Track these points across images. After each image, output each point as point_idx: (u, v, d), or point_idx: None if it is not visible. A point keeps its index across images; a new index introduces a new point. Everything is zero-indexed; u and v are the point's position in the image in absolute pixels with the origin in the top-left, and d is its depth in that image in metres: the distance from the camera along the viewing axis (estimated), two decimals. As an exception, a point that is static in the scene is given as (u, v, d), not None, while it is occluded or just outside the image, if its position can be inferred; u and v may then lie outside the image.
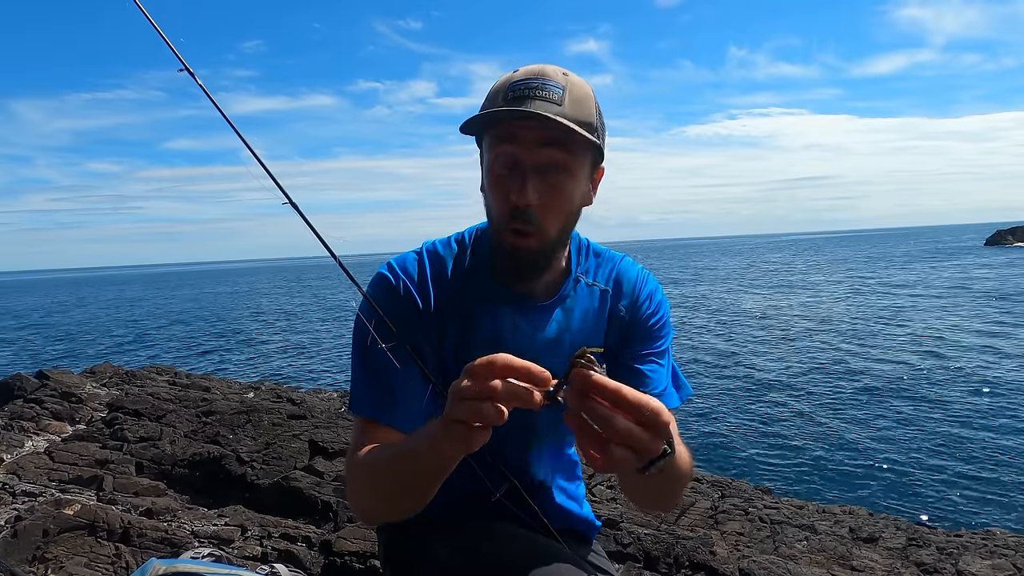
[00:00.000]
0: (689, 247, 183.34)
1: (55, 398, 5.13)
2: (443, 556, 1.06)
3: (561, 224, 1.03)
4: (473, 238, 1.15)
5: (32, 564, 2.49)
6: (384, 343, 0.98)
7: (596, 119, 1.01)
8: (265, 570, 1.92)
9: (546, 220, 1.00)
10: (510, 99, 0.97)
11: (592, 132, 0.99)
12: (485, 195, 1.06)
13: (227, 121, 0.97)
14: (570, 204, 1.02)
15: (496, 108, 0.97)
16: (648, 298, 1.18)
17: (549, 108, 0.95)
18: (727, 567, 2.96)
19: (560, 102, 0.96)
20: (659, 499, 1.06)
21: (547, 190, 0.99)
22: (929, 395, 10.93)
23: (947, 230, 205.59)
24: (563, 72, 1.00)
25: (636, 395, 0.68)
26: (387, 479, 0.94)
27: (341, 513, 3.22)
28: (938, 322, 18.77)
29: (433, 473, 0.86)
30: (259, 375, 14.97)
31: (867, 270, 43.70)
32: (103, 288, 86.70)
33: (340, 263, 1.03)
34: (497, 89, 1.01)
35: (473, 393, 0.69)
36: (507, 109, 0.95)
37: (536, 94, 0.96)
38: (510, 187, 0.98)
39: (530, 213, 0.98)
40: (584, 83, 1.02)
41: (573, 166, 0.99)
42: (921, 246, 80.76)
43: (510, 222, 1.00)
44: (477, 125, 1.01)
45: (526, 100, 0.96)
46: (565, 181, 1.00)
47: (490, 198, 1.04)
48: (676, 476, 0.95)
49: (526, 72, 1.00)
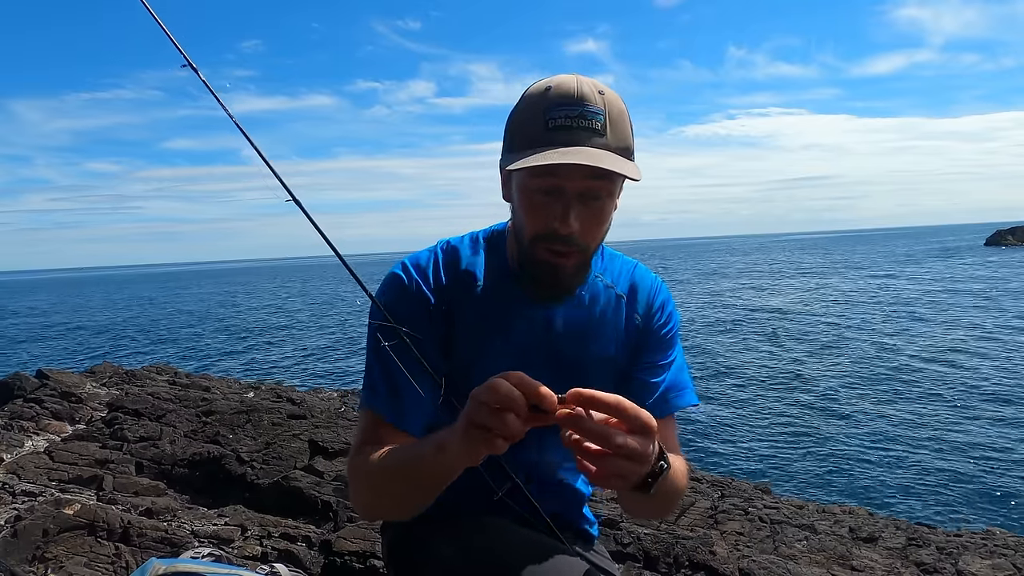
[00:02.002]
0: (689, 247, 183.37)
1: (55, 398, 5.13)
2: (446, 554, 1.06)
3: (597, 241, 1.04)
4: (490, 239, 1.15)
5: (32, 564, 2.49)
6: (393, 343, 0.98)
7: (631, 138, 1.00)
8: (265, 570, 1.92)
9: (586, 241, 1.01)
10: (551, 128, 0.95)
11: (631, 155, 0.98)
12: (514, 210, 1.05)
13: (229, 116, 0.97)
14: (607, 222, 1.03)
15: (539, 137, 0.95)
16: (661, 308, 1.18)
17: (594, 141, 0.94)
18: (727, 567, 2.96)
19: (603, 131, 0.95)
20: (657, 511, 1.11)
21: (588, 215, 0.98)
22: (929, 395, 10.94)
23: (947, 230, 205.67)
24: (599, 90, 0.97)
25: (633, 405, 0.75)
26: (393, 482, 0.95)
27: (341, 513, 3.22)
28: (938, 322, 18.79)
29: (438, 477, 0.88)
30: (259, 375, 14.97)
31: (868, 270, 43.71)
32: (104, 288, 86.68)
33: (344, 262, 1.03)
34: (534, 107, 0.97)
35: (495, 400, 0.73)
36: (562, 162, 0.91)
37: (579, 125, 0.94)
38: (551, 213, 0.97)
39: (571, 237, 0.98)
40: (619, 99, 0.99)
41: (612, 188, 0.99)
42: (921, 246, 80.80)
43: (549, 243, 1.00)
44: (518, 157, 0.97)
45: (570, 132, 0.94)
46: (605, 204, 1.00)
47: (525, 219, 1.01)
48: (673, 489, 0.99)
49: (564, 93, 0.96)
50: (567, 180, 0.95)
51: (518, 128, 1.00)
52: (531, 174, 0.98)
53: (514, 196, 1.04)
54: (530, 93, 1.00)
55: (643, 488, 0.82)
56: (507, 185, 1.06)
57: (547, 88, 0.97)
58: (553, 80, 0.98)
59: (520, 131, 0.99)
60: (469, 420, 0.76)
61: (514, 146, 1.00)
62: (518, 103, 1.02)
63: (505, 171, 1.04)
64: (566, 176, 0.95)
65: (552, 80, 0.98)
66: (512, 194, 1.05)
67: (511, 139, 1.01)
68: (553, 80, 0.98)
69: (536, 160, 0.93)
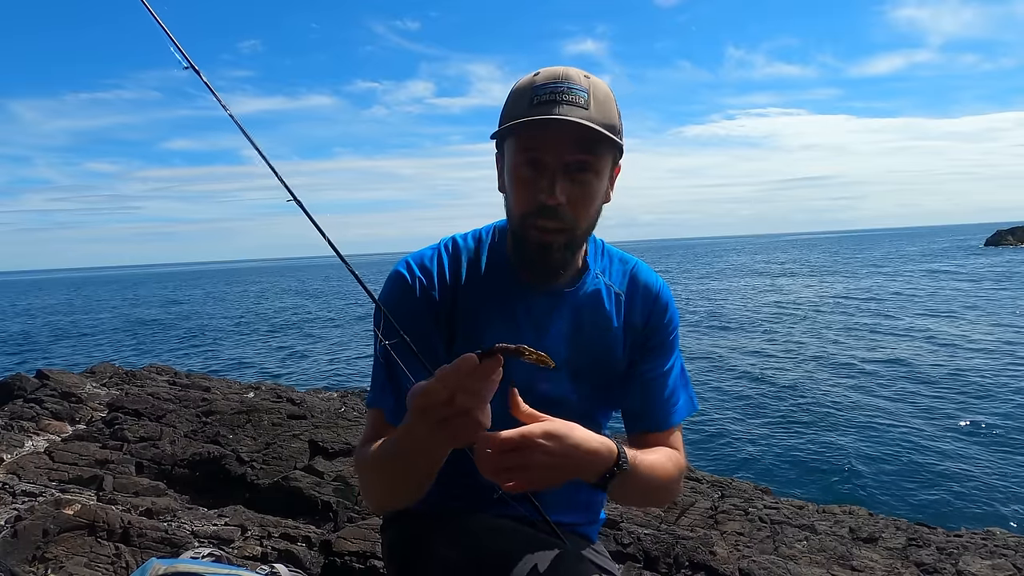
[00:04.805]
0: (690, 248, 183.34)
1: (55, 398, 5.12)
2: (446, 554, 1.06)
3: (588, 220, 1.05)
4: (493, 235, 1.16)
5: (32, 564, 2.49)
6: (394, 341, 0.99)
7: (618, 120, 1.03)
8: (265, 570, 1.92)
9: (575, 216, 1.02)
10: (536, 104, 0.98)
11: (616, 134, 1.01)
12: (507, 195, 1.07)
13: (230, 117, 0.97)
14: (595, 202, 1.04)
15: (524, 114, 0.98)
16: (661, 308, 1.19)
17: (576, 112, 0.96)
18: (727, 567, 2.96)
19: (586, 105, 0.98)
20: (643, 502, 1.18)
21: (574, 189, 1.00)
22: (929, 395, 10.93)
23: (947, 230, 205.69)
24: (584, 75, 1.01)
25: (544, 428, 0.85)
26: (382, 471, 0.97)
27: (341, 513, 3.22)
28: (939, 323, 18.78)
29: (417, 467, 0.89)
30: (259, 375, 14.96)
31: (868, 271, 43.70)
32: (104, 288, 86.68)
33: (345, 262, 1.03)
34: (521, 92, 1.02)
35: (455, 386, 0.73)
36: (541, 118, 0.96)
37: (563, 98, 0.97)
38: (538, 187, 1.00)
39: (559, 210, 1.00)
40: (605, 84, 1.03)
41: (598, 166, 1.01)
42: (922, 246, 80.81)
43: (537, 219, 1.01)
44: (505, 130, 1.02)
45: (553, 105, 0.97)
46: (591, 180, 1.01)
47: (513, 198, 1.04)
48: (648, 486, 1.03)
49: (549, 75, 1.00)
50: (550, 152, 0.98)
51: (507, 113, 1.03)
52: (517, 150, 1.01)
53: (505, 179, 1.06)
54: (519, 82, 1.04)
55: (600, 486, 0.93)
56: (501, 175, 1.08)
57: (535, 75, 1.02)
58: (541, 69, 1.03)
59: (508, 116, 1.02)
60: (411, 398, 0.78)
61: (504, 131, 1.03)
62: (509, 94, 1.05)
63: (498, 159, 1.07)
64: (550, 148, 0.98)
65: (540, 70, 1.03)
66: (504, 179, 1.07)
67: (501, 124, 1.04)
68: (541, 69, 1.03)
69: (515, 123, 0.97)
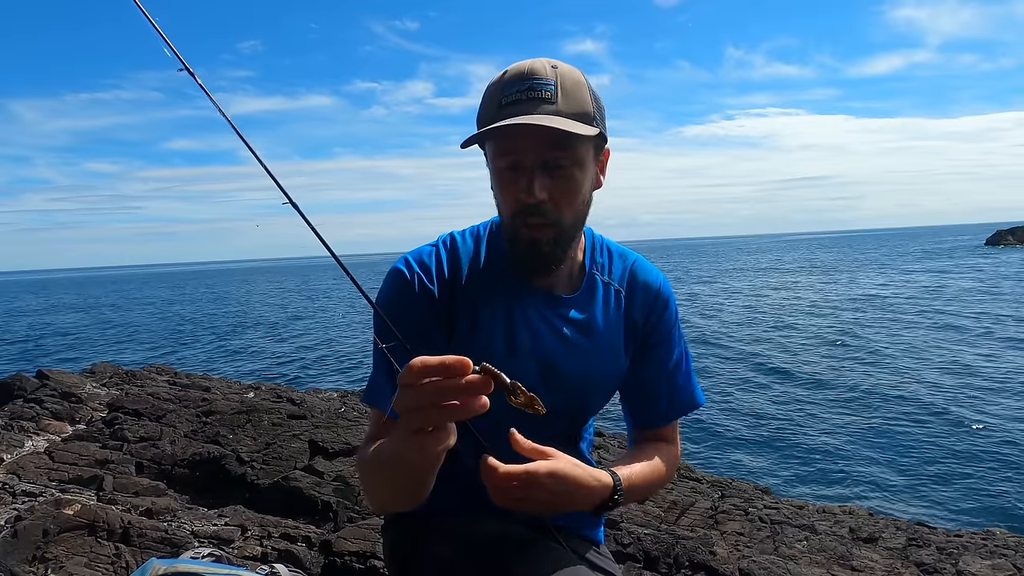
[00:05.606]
0: (691, 247, 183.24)
1: (55, 398, 5.12)
2: (447, 555, 1.06)
3: (574, 213, 1.04)
4: (491, 231, 1.16)
5: (32, 564, 2.49)
6: (390, 341, 0.99)
7: (591, 105, 1.01)
8: (265, 570, 1.91)
9: (558, 211, 1.02)
10: (504, 105, 0.98)
11: (590, 121, 0.99)
12: (495, 195, 1.08)
13: (227, 121, 0.97)
14: (579, 193, 1.04)
15: (492, 119, 0.98)
16: (661, 303, 1.18)
17: (543, 109, 0.96)
18: (727, 567, 2.96)
19: (553, 99, 0.97)
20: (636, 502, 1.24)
21: (555, 185, 1.00)
22: (930, 396, 10.92)
23: (947, 230, 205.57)
24: (552, 64, 1.00)
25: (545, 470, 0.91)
26: (380, 472, 0.94)
27: (341, 513, 3.22)
28: (940, 323, 18.77)
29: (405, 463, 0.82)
30: (259, 375, 14.96)
31: (868, 270, 43.68)
32: (104, 288, 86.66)
33: (341, 263, 1.03)
34: (491, 94, 1.02)
35: (406, 404, 0.67)
36: (505, 124, 0.95)
37: (528, 96, 0.97)
38: (518, 187, 1.00)
39: (542, 207, 1.00)
40: (574, 70, 1.02)
41: (576, 158, 1.00)
42: (922, 246, 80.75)
43: (523, 218, 1.01)
44: (478, 137, 1.02)
45: (519, 105, 0.97)
46: (571, 172, 1.01)
47: (500, 199, 1.06)
48: (641, 496, 1.11)
49: (515, 73, 0.99)
50: (524, 154, 0.98)
51: (480, 116, 1.04)
52: (496, 154, 1.02)
53: (492, 182, 1.07)
54: (490, 82, 1.04)
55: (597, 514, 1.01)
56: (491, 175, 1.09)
57: (503, 74, 1.02)
58: (510, 67, 1.02)
59: (481, 119, 1.03)
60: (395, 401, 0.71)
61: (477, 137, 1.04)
62: (483, 94, 1.05)
63: (487, 158, 1.08)
64: (524, 150, 0.98)
65: (509, 67, 1.02)
66: (491, 180, 1.08)
67: (478, 126, 1.04)
68: (510, 67, 1.02)
69: (479, 133, 0.98)
